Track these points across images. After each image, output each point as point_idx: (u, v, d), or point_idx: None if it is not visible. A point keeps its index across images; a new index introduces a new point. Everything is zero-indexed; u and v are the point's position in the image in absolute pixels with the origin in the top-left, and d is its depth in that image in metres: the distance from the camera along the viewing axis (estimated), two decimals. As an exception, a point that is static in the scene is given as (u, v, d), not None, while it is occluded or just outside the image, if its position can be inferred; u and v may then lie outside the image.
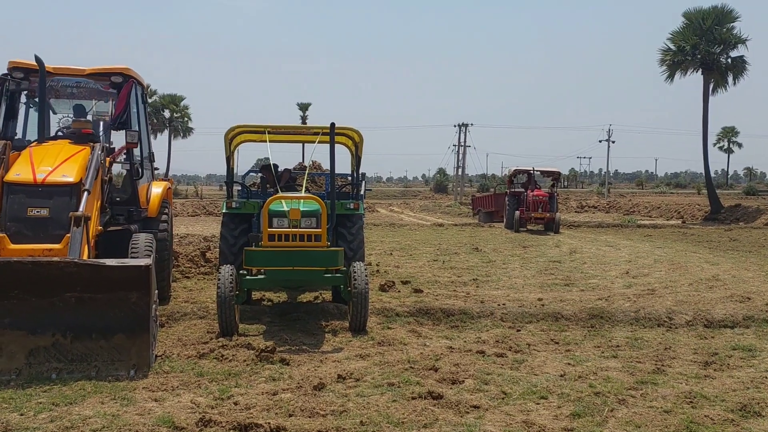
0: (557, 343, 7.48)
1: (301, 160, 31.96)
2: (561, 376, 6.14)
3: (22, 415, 4.89)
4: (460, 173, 68.40)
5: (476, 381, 5.89)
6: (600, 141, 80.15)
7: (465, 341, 7.46)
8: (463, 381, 5.88)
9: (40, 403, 5.11)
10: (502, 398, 5.48)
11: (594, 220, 33.24)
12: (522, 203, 24.18)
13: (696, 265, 14.09)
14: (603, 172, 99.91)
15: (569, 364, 6.59)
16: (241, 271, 7.83)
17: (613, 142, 79.27)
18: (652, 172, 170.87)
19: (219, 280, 7.38)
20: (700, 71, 35.70)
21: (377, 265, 13.57)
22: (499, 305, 9.28)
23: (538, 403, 5.39)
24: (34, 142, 8.09)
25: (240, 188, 10.40)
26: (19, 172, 7.13)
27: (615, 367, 6.51)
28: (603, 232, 25.03)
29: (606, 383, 5.92)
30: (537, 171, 25.64)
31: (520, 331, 8.03)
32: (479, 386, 5.76)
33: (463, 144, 67.32)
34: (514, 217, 23.80)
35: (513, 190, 25.81)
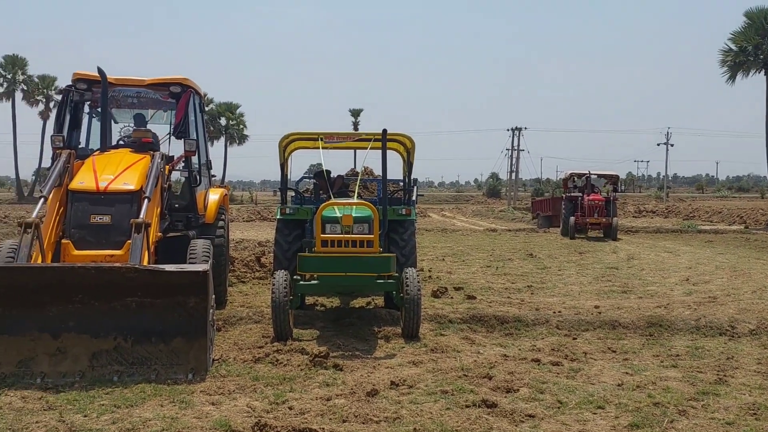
0: (614, 351, 7.33)
1: (353, 166, 32.18)
2: (618, 385, 6.02)
3: (85, 416, 5.05)
4: (513, 177, 67.75)
5: (531, 389, 5.82)
6: (658, 144, 78.59)
7: (520, 349, 7.38)
8: (518, 389, 5.81)
9: (103, 404, 5.26)
10: (558, 407, 5.40)
11: (652, 225, 32.42)
12: (578, 208, 23.52)
13: (759, 272, 13.63)
14: (661, 176, 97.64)
15: (627, 373, 6.45)
16: (294, 277, 7.92)
17: (672, 145, 77.37)
18: (712, 176, 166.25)
19: (273, 285, 7.48)
20: (762, 72, 34.58)
21: (429, 270, 13.53)
22: (554, 313, 9.14)
23: (594, 413, 5.29)
24: (96, 151, 8.35)
25: (294, 194, 10.53)
26: (83, 180, 7.37)
27: (675, 376, 6.34)
28: (662, 237, 24.43)
29: (665, 393, 5.78)
30: (594, 174, 25.05)
31: (576, 339, 7.90)
32: (534, 395, 5.68)
33: (516, 148, 66.68)
34: (569, 223, 23.17)
35: (569, 194, 25.07)
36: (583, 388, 5.90)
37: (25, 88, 62.19)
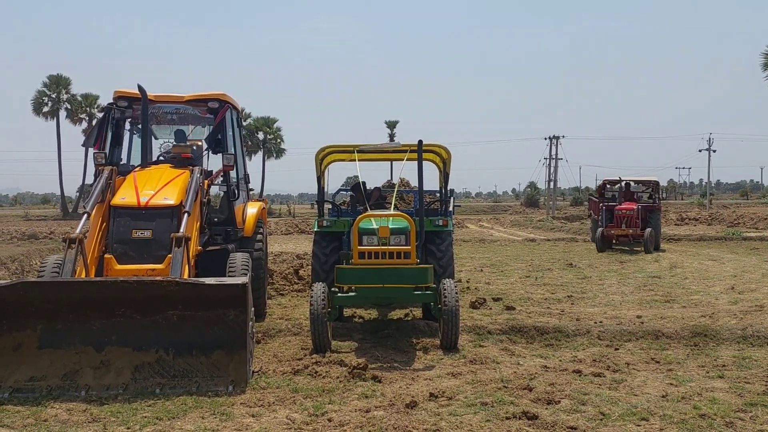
0: (658, 362, 7.19)
1: (390, 178, 32.15)
2: (663, 396, 5.89)
3: (128, 428, 5.12)
4: (551, 187, 67.13)
5: (573, 401, 5.73)
6: (700, 150, 77.06)
7: (560, 360, 7.28)
8: (559, 401, 5.73)
9: (145, 417, 5.33)
10: (601, 419, 5.30)
11: (695, 233, 31.76)
12: (611, 218, 22.32)
13: (809, 280, 13.24)
14: (704, 183, 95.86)
15: (671, 384, 6.31)
16: (332, 289, 7.94)
17: (714, 151, 75.81)
18: (757, 182, 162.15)
19: (312, 297, 7.52)
20: (807, 74, 33.75)
21: (467, 281, 13.46)
22: (595, 323, 9.00)
23: (638, 425, 5.18)
24: (137, 167, 8.51)
25: (331, 207, 10.58)
26: (124, 196, 7.53)
27: (721, 387, 6.19)
28: (705, 245, 23.89)
29: (712, 405, 5.64)
30: (627, 181, 24.06)
31: (618, 349, 7.76)
32: (576, 407, 5.59)
33: (554, 157, 66.08)
34: (597, 235, 21.34)
35: (605, 203, 23.93)
36: (626, 400, 5.79)
37: (69, 106, 63.75)
